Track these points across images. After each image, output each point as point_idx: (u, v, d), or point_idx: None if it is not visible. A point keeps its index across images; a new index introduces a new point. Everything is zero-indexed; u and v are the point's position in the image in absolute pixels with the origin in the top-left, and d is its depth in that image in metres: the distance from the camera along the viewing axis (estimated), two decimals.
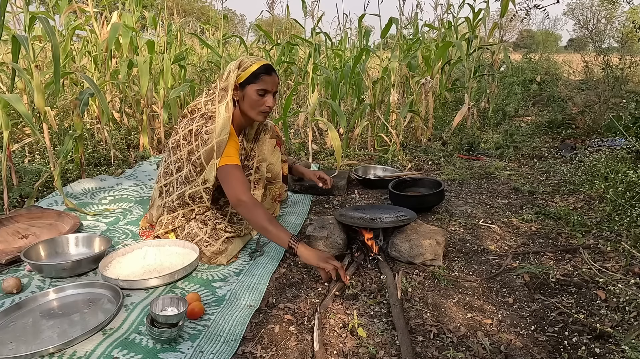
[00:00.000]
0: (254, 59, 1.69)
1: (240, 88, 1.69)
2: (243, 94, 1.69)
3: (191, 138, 1.68)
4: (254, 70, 1.66)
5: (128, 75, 3.21)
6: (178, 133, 1.74)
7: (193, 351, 1.16)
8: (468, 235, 1.92)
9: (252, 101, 1.68)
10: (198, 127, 1.66)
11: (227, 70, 1.71)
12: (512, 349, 1.18)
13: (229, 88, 1.68)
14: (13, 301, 1.40)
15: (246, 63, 1.68)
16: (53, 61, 2.04)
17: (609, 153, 2.45)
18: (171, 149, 1.76)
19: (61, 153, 2.26)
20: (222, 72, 1.73)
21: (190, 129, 1.68)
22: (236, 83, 1.68)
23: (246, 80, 1.67)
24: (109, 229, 2.00)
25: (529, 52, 7.13)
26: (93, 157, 3.04)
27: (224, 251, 1.68)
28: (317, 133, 3.90)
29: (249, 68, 1.67)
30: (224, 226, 1.75)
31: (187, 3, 18.99)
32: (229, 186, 1.61)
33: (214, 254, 1.66)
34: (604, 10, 9.05)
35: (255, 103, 1.68)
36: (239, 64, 1.68)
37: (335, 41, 4.87)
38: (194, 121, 1.69)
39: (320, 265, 1.47)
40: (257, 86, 1.66)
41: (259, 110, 1.70)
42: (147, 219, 1.94)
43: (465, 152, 3.39)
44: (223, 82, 1.70)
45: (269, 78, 1.68)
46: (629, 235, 1.75)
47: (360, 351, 1.17)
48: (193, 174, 1.71)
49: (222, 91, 1.69)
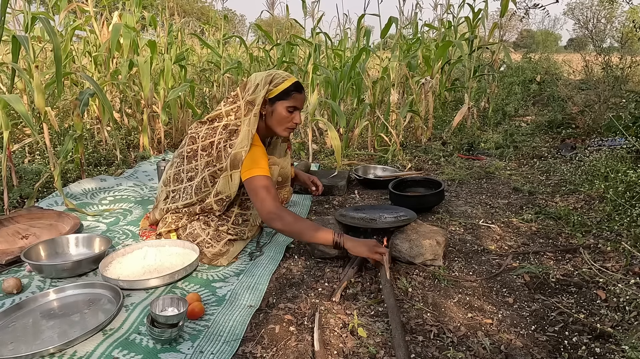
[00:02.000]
0: (285, 76, 1.69)
1: (270, 104, 1.68)
2: (272, 110, 1.68)
3: (212, 150, 1.67)
4: (286, 87, 1.66)
5: (128, 75, 3.21)
6: (196, 142, 1.72)
7: (193, 351, 1.16)
8: (468, 235, 1.92)
9: (281, 117, 1.68)
10: (220, 139, 1.65)
11: (254, 83, 1.69)
12: (512, 349, 1.18)
13: (256, 102, 1.66)
14: (13, 301, 1.40)
15: (277, 79, 1.67)
16: (55, 61, 2.04)
17: (609, 153, 2.45)
18: (186, 157, 1.74)
19: (61, 154, 2.27)
20: (247, 82, 1.72)
21: (212, 142, 1.67)
22: (266, 98, 1.67)
23: (277, 96, 1.67)
24: (109, 229, 2.00)
25: (529, 51, 7.13)
26: (93, 157, 3.04)
27: (225, 253, 1.68)
28: (317, 133, 3.90)
29: (281, 85, 1.66)
30: (227, 229, 1.74)
31: (187, 3, 19.00)
32: (257, 199, 1.59)
33: (214, 255, 1.66)
34: (603, 10, 9.06)
35: (283, 120, 1.69)
36: (270, 80, 1.67)
37: (335, 41, 4.87)
38: (216, 133, 1.68)
39: (371, 255, 1.51)
40: (287, 103, 1.67)
41: (287, 126, 1.71)
42: (148, 219, 1.94)
43: (465, 151, 3.39)
44: (250, 95, 1.68)
45: (300, 96, 1.69)
46: (629, 235, 1.75)
47: (360, 351, 1.17)
48: (208, 185, 1.70)
49: (248, 104, 1.67)
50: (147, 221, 1.95)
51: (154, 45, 3.25)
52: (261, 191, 1.58)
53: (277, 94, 1.66)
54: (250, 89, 1.69)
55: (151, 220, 1.90)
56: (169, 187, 1.80)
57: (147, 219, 1.96)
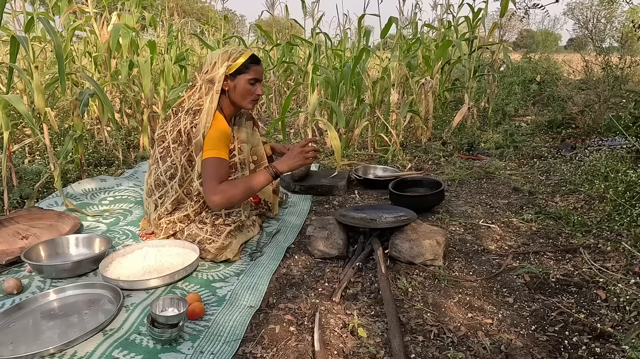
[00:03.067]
0: (240, 50, 1.73)
1: (231, 79, 1.71)
2: (234, 84, 1.72)
3: (181, 137, 1.69)
4: (245, 60, 1.70)
5: (128, 75, 3.21)
6: (165, 139, 1.73)
7: (193, 351, 1.16)
8: (468, 235, 1.92)
9: (244, 90, 1.72)
10: (186, 124, 1.68)
11: (211, 62, 1.72)
12: (512, 349, 1.18)
13: (215, 80, 1.69)
14: (13, 301, 1.40)
15: (235, 54, 1.71)
16: (57, 60, 2.04)
17: (609, 152, 2.45)
18: (160, 159, 1.75)
19: (61, 154, 2.27)
20: (204, 63, 1.75)
21: (179, 129, 1.69)
22: (227, 74, 1.70)
23: (237, 70, 1.70)
24: (109, 229, 2.00)
25: (529, 51, 7.13)
26: (93, 158, 3.04)
27: (229, 245, 1.68)
28: (317, 134, 3.90)
29: (240, 59, 1.70)
30: (223, 220, 1.75)
31: (187, 3, 18.98)
32: (205, 181, 1.63)
33: (218, 250, 1.66)
34: (603, 9, 9.05)
35: (247, 93, 1.73)
36: (228, 56, 1.70)
37: (335, 41, 4.87)
38: (180, 121, 1.70)
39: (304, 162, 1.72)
40: (248, 76, 1.71)
41: (251, 99, 1.75)
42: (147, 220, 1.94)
43: (465, 151, 3.39)
44: (209, 74, 1.71)
45: (259, 68, 1.74)
46: (629, 235, 1.75)
47: (360, 351, 1.17)
48: (188, 170, 1.71)
49: (208, 83, 1.70)
50: (146, 222, 1.95)
51: (154, 46, 3.25)
52: (207, 174, 1.62)
53: (237, 68, 1.70)
54: (209, 68, 1.71)
55: (147, 231, 1.90)
56: (154, 196, 1.79)
57: (146, 220, 1.96)
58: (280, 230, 2.00)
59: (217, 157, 1.63)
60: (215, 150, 1.64)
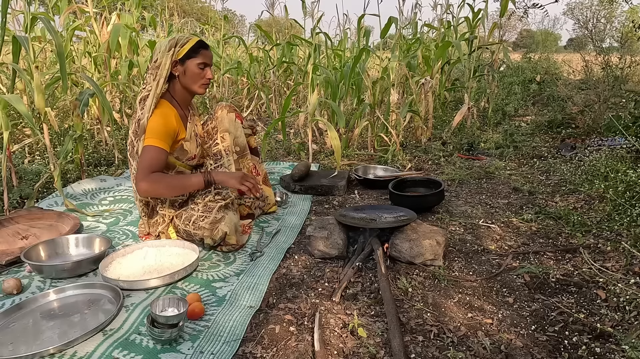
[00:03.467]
0: (188, 36, 1.75)
1: (181, 64, 1.73)
2: (184, 69, 1.73)
3: (137, 128, 1.71)
4: (192, 45, 1.72)
5: (128, 75, 3.21)
6: (130, 137, 1.76)
7: (193, 351, 1.16)
8: (468, 235, 1.92)
9: (194, 74, 1.74)
10: (140, 114, 1.70)
11: (159, 50, 1.74)
12: (512, 349, 1.18)
13: (162, 65, 1.71)
14: (13, 302, 1.40)
15: (182, 40, 1.72)
16: (58, 59, 2.04)
17: (609, 152, 2.45)
18: (130, 159, 1.78)
19: (61, 154, 2.27)
20: (154, 53, 1.79)
21: (136, 121, 1.72)
22: (176, 59, 1.72)
23: (186, 55, 1.72)
24: (109, 230, 2.00)
25: (529, 51, 7.13)
26: (93, 158, 3.04)
27: (221, 219, 1.70)
28: (317, 134, 3.90)
29: (187, 44, 1.71)
30: (212, 197, 1.78)
31: (186, 3, 18.99)
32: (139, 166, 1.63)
33: (213, 224, 1.69)
34: (603, 9, 9.06)
35: (197, 76, 1.75)
36: (175, 42, 1.72)
37: (335, 41, 4.87)
38: (137, 112, 1.73)
39: (238, 186, 1.68)
40: (197, 60, 1.72)
41: (201, 82, 1.77)
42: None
43: (465, 151, 3.39)
44: (157, 61, 1.73)
45: (207, 52, 1.76)
46: (629, 235, 1.75)
47: (360, 351, 1.17)
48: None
49: (154, 69, 1.72)
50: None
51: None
52: (143, 160, 1.63)
53: (186, 53, 1.71)
54: (158, 56, 1.73)
55: (144, 232, 1.90)
56: (143, 202, 1.82)
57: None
58: (280, 230, 2.00)
59: (157, 147, 1.64)
60: (157, 139, 1.65)
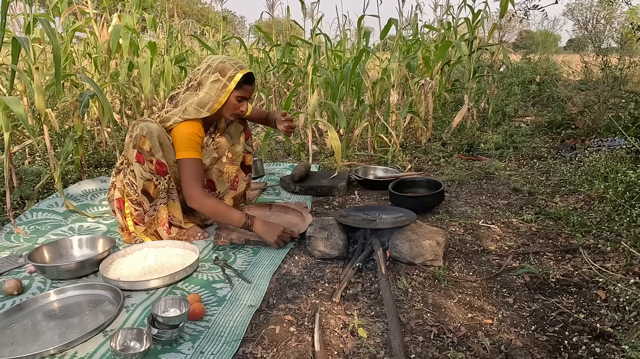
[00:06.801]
0: (237, 67, 1.76)
1: None
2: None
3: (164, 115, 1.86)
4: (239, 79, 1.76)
5: (128, 76, 3.22)
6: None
7: (194, 351, 1.16)
8: (468, 236, 1.92)
9: (231, 105, 1.80)
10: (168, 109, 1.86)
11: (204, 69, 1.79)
12: (512, 349, 1.18)
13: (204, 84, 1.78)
14: (14, 302, 1.40)
15: (230, 72, 1.75)
16: (54, 62, 2.04)
17: (609, 153, 2.45)
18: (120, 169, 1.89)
19: (61, 155, 2.27)
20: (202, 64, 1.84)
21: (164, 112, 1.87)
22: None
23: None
24: (110, 231, 2.01)
25: (529, 52, 7.14)
26: (93, 159, 3.05)
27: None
28: (317, 134, 3.90)
29: (235, 78, 1.75)
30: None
31: (186, 5, 19.02)
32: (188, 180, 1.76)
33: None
34: (603, 10, 9.07)
35: (232, 107, 1.81)
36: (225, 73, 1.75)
37: (335, 42, 4.88)
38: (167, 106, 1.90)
39: (272, 243, 1.76)
40: (238, 93, 1.79)
41: (234, 112, 1.83)
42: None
43: (465, 152, 3.39)
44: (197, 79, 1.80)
45: (249, 87, 1.82)
46: (628, 235, 1.75)
47: (360, 352, 1.17)
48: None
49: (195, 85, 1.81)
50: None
51: (154, 47, 3.26)
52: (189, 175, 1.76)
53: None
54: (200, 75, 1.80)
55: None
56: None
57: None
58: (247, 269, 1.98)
59: (193, 159, 1.76)
60: (191, 151, 1.75)
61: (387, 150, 3.28)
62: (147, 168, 1.72)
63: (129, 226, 1.83)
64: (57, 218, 2.14)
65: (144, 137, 1.70)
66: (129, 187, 1.77)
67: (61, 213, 2.20)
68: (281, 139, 3.82)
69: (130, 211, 1.80)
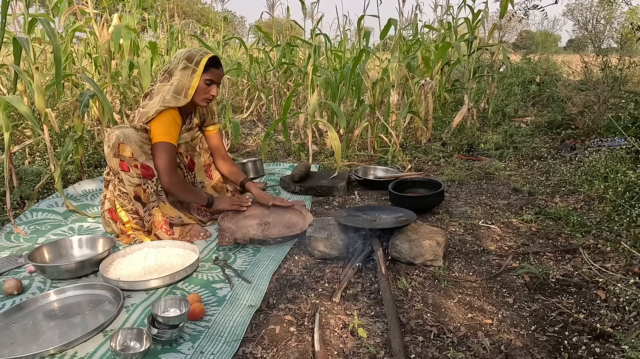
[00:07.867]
0: (202, 52, 1.86)
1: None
2: None
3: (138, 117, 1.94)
4: (205, 62, 1.84)
5: (129, 76, 3.22)
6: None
7: (194, 351, 1.16)
8: (468, 236, 1.92)
9: (200, 89, 1.87)
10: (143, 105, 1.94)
11: (174, 59, 1.88)
12: (512, 349, 1.18)
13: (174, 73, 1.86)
14: (14, 302, 1.40)
15: (197, 57, 1.84)
16: (54, 63, 2.04)
17: (609, 153, 2.45)
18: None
19: (61, 155, 2.27)
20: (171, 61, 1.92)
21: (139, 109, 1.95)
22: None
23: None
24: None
25: (529, 52, 7.14)
26: (93, 159, 3.05)
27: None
28: (317, 134, 3.90)
29: (202, 62, 1.83)
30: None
31: (187, 5, 19.00)
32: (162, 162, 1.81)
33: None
34: (603, 11, 9.07)
35: (202, 91, 1.88)
36: (191, 58, 1.84)
37: (335, 42, 4.88)
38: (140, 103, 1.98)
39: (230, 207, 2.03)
40: (206, 76, 1.86)
41: (204, 97, 1.90)
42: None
43: (465, 152, 3.39)
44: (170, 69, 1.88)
45: (217, 71, 1.89)
46: (628, 235, 1.75)
47: (360, 352, 1.17)
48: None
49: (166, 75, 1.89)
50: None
51: (155, 47, 3.26)
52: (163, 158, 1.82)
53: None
54: (172, 65, 1.88)
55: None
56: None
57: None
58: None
59: (169, 143, 1.82)
60: (168, 136, 1.82)
61: (387, 150, 3.28)
62: (134, 173, 1.75)
63: (127, 230, 1.86)
64: (57, 218, 2.14)
65: (122, 144, 1.72)
66: (122, 198, 1.82)
67: (61, 213, 2.20)
68: (281, 139, 3.82)
69: (129, 219, 1.85)
